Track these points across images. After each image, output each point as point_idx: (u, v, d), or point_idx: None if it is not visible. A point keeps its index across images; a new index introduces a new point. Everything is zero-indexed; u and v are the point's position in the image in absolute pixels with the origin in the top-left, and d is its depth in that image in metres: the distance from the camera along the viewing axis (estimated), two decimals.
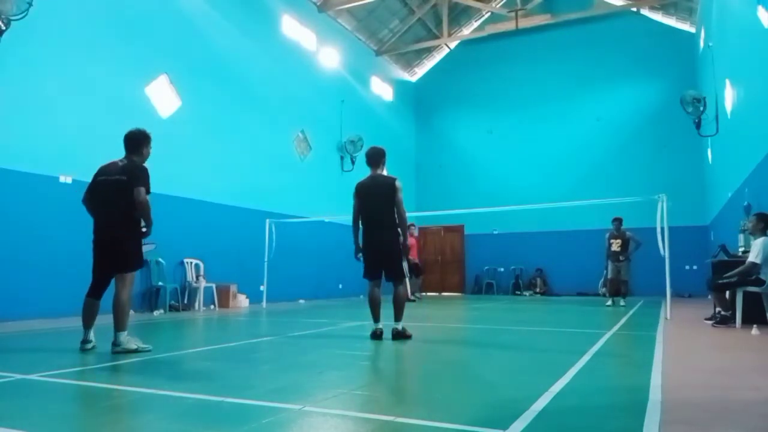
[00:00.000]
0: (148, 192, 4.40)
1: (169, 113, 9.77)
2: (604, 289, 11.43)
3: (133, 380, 3.44)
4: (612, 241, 10.85)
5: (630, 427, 2.28)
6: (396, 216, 5.27)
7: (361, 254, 5.43)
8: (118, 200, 4.36)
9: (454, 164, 17.97)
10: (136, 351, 4.25)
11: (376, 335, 5.18)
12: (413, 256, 12.05)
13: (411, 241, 11.78)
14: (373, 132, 15.88)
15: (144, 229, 4.51)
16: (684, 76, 14.73)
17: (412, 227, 12.19)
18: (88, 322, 4.41)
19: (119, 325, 4.26)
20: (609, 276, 10.90)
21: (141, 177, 4.41)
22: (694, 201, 14.24)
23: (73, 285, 7.82)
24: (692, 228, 13.95)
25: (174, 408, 2.65)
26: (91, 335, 4.40)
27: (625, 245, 10.69)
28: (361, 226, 5.42)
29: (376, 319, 5.29)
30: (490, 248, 16.95)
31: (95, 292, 4.49)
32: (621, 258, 10.64)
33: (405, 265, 6.08)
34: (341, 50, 15.09)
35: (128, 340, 4.28)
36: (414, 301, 11.91)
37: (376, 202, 5.28)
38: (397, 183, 5.29)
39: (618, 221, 10.88)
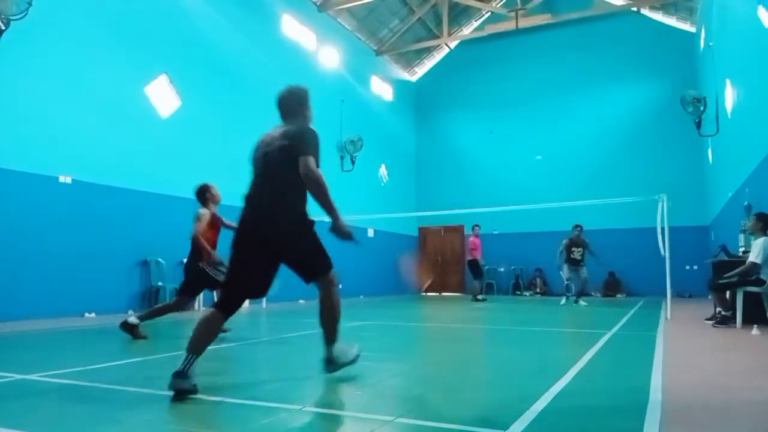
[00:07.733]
0: None
1: (169, 113, 9.76)
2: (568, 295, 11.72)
3: (132, 380, 3.44)
4: (573, 248, 11.49)
5: (630, 428, 2.27)
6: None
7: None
8: None
9: (455, 164, 17.92)
10: None
11: None
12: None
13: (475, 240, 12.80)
14: (373, 132, 15.87)
15: None
16: (684, 76, 14.71)
17: (477, 227, 12.98)
18: None
19: None
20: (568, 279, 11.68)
21: None
22: (694, 201, 14.22)
23: (73, 285, 7.87)
24: (692, 228, 13.94)
25: (174, 408, 2.65)
26: None
27: (583, 251, 11.47)
28: None
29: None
30: (490, 248, 16.88)
31: None
32: (581, 263, 11.44)
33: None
34: (341, 50, 15.07)
35: None
36: (484, 300, 12.69)
37: None
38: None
39: (578, 228, 11.50)
